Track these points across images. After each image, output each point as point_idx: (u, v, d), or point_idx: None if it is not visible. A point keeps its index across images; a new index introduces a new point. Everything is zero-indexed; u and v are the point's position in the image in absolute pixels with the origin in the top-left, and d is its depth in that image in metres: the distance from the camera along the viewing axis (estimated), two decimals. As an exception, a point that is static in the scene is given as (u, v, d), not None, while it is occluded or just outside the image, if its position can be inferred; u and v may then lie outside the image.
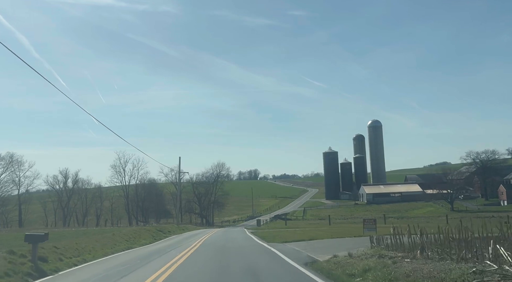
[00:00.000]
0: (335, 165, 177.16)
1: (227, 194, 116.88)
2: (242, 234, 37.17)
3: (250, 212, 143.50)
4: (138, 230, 37.08)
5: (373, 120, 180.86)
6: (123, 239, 28.66)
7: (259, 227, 46.37)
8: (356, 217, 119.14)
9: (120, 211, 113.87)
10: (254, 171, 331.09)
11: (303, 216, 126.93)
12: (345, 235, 29.09)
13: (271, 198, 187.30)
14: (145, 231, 37.81)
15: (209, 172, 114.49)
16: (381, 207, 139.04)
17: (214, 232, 45.53)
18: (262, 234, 34.63)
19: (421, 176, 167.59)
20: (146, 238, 32.50)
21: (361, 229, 34.29)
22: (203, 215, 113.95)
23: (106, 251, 21.65)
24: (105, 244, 23.85)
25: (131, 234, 32.25)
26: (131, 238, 30.84)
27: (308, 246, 21.64)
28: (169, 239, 35.27)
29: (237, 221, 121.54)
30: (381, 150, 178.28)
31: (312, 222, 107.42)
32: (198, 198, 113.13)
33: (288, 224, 75.62)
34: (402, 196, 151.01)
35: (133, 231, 34.95)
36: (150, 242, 30.56)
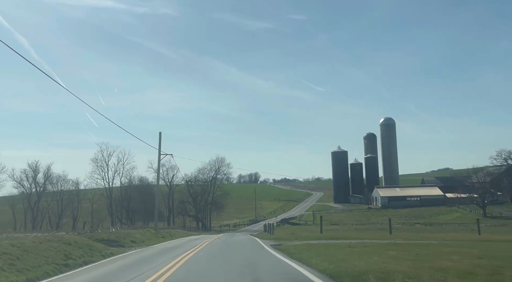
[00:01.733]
0: (344, 165, 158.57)
1: (226, 193, 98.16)
2: (262, 254, 18.35)
3: (252, 215, 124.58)
4: (49, 240, 18.02)
5: (386, 117, 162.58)
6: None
7: (278, 238, 28.24)
8: (375, 223, 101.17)
9: (102, 212, 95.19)
10: (254, 174, 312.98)
11: (313, 220, 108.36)
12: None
13: (274, 201, 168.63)
14: (62, 244, 18.67)
15: (207, 168, 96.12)
16: (399, 212, 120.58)
17: (208, 243, 27.01)
18: (306, 254, 15.73)
19: (439, 178, 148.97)
20: (45, 262, 13.87)
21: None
22: (198, 218, 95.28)
23: None
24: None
25: (16, 252, 13.67)
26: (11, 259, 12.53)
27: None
28: (88, 269, 15.74)
29: (238, 225, 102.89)
30: (394, 150, 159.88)
31: (327, 228, 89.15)
32: (193, 197, 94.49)
33: (318, 229, 57.56)
34: (421, 200, 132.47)
35: (33, 244, 16.05)
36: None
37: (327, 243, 22.14)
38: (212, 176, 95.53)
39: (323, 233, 34.08)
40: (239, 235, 51.64)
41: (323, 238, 25.81)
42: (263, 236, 37.88)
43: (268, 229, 50.61)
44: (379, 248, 18.41)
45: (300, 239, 26.25)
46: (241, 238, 35.89)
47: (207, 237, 42.08)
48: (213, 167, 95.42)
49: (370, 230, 76.60)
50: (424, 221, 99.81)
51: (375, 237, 29.17)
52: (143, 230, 35.75)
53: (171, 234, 41.95)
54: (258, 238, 31.97)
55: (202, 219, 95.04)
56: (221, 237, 41.98)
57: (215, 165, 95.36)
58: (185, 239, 34.73)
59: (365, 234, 44.70)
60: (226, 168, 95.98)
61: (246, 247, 21.82)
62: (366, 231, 72.73)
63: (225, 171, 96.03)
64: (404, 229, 79.11)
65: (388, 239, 26.16)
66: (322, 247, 18.98)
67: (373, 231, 76.08)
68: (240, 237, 37.10)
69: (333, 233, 36.07)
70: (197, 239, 34.34)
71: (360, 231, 73.20)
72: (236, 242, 27.75)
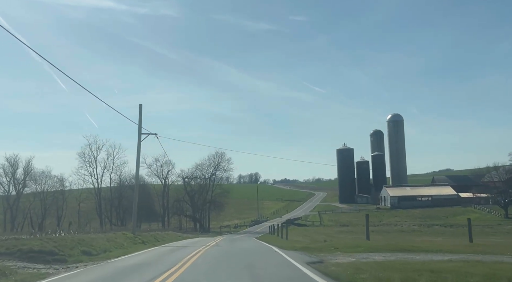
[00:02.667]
0: (350, 164, 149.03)
1: (226, 192, 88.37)
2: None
3: (254, 216, 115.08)
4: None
5: (394, 114, 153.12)
6: None
7: (303, 248, 18.71)
8: (388, 224, 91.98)
9: (90, 211, 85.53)
10: (254, 174, 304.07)
11: (320, 221, 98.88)
12: None
13: (276, 201, 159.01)
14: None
15: (205, 164, 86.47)
16: (411, 213, 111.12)
17: (200, 254, 17.37)
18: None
19: (451, 177, 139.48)
20: None
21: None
22: (196, 218, 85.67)
23: None
24: None
25: None
26: None
27: None
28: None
29: (238, 226, 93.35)
30: (402, 148, 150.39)
31: (338, 229, 79.68)
32: (190, 196, 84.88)
33: (341, 232, 48.57)
34: (432, 199, 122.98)
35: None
36: None
37: (403, 259, 12.65)
38: (211, 172, 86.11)
39: (366, 240, 24.33)
40: (243, 238, 42.17)
41: (381, 249, 16.16)
42: (276, 242, 28.42)
43: (278, 232, 41.10)
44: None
45: (342, 249, 16.68)
46: (248, 244, 26.48)
47: (203, 241, 32.63)
48: (212, 163, 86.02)
49: (390, 232, 67.12)
50: (442, 222, 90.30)
51: (451, 246, 19.58)
52: (117, 234, 26.21)
53: (157, 238, 32.39)
54: (272, 245, 22.56)
55: (199, 219, 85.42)
56: (221, 241, 32.59)
57: (214, 160, 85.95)
58: (172, 246, 25.18)
59: (438, 240, 35.33)
60: (227, 164, 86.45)
61: (265, 265, 12.28)
62: (394, 233, 63.21)
63: (225, 167, 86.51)
64: (428, 231, 69.67)
65: (477, 252, 16.57)
66: (419, 274, 9.53)
67: (395, 233, 66.62)
68: (247, 243, 27.66)
69: (383, 240, 26.46)
70: (189, 246, 24.90)
71: (380, 233, 63.68)
72: (243, 252, 18.23)
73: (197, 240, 36.20)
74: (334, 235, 56.13)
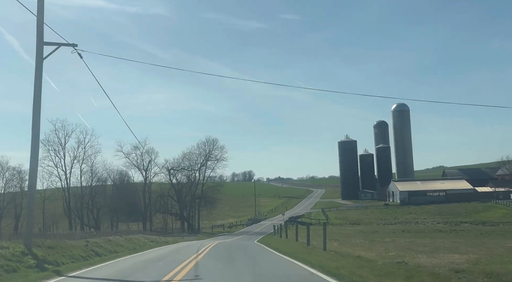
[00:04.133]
0: (353, 157, 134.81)
1: (219, 185, 73.43)
2: None
3: (251, 214, 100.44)
4: None
5: (399, 103, 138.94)
6: None
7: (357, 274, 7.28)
8: (406, 222, 78.06)
9: (58, 210, 70.49)
10: (248, 172, 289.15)
11: (327, 219, 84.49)
12: None
13: (273, 198, 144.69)
14: None
15: (194, 153, 71.79)
16: (425, 209, 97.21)
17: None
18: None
19: (463, 171, 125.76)
20: None
21: None
22: (183, 216, 70.95)
23: None
24: None
25: None
26: None
27: None
28: None
29: (234, 225, 78.83)
30: (409, 140, 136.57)
31: (351, 228, 65.65)
32: (176, 190, 70.24)
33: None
34: (446, 194, 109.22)
35: None
36: None
37: None
38: (201, 163, 71.35)
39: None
40: (244, 245, 27.71)
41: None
42: (306, 254, 14.28)
43: (285, 233, 26.71)
44: None
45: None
46: (265, 265, 12.19)
47: (177, 254, 18.31)
48: (202, 151, 71.30)
49: (424, 232, 52.98)
50: (469, 220, 76.44)
51: None
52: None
53: (96, 250, 17.79)
54: (317, 270, 8.38)
55: (188, 218, 70.63)
56: (209, 252, 18.40)
57: (204, 148, 71.25)
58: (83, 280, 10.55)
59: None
60: (219, 152, 71.62)
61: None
62: (433, 233, 49.05)
63: (218, 156, 71.60)
64: (466, 230, 55.65)
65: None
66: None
67: (432, 233, 52.46)
68: (260, 262, 13.23)
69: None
70: (152, 257, 10.72)
71: (413, 233, 49.52)
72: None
73: (169, 251, 21.74)
74: (354, 236, 42.11)
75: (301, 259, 13.70)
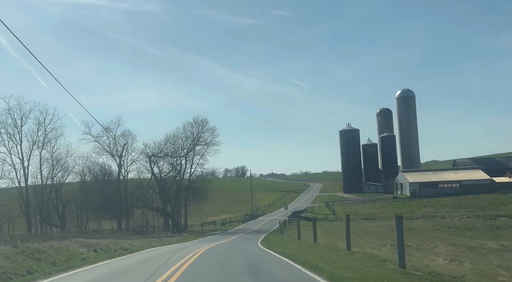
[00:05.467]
0: (355, 147, 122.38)
1: (210, 174, 60.12)
2: None
3: (246, 209, 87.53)
4: None
5: (404, 89, 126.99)
6: None
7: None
8: (428, 216, 65.65)
9: (12, 206, 56.84)
10: (241, 168, 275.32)
11: (335, 214, 71.79)
12: None
13: (269, 192, 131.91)
14: None
15: (180, 136, 58.60)
16: (441, 201, 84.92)
17: None
18: None
19: (476, 160, 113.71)
20: None
21: None
22: (167, 212, 57.77)
23: None
24: None
25: None
26: None
27: None
28: None
29: (228, 222, 65.81)
30: (415, 128, 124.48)
31: (367, 224, 53.28)
32: (158, 181, 57.16)
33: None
34: (461, 186, 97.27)
35: None
36: None
37: None
38: (188, 148, 58.08)
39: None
40: (249, 252, 15.04)
41: None
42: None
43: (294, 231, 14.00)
44: None
45: None
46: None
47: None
48: (189, 134, 58.05)
49: (467, 229, 40.50)
50: (505, 213, 64.11)
51: None
52: None
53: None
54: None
55: (172, 214, 57.42)
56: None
57: (192, 130, 57.99)
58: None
59: None
60: (210, 135, 58.29)
61: None
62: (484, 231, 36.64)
63: (208, 139, 58.26)
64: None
65: None
66: None
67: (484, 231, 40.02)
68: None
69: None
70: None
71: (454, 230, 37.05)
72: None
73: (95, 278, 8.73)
74: (385, 235, 29.53)
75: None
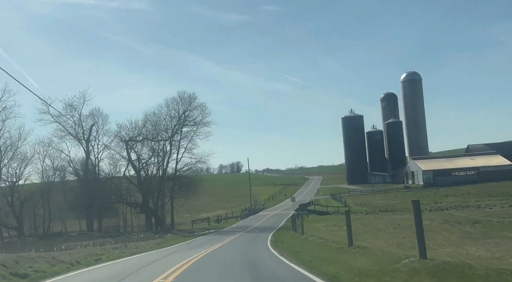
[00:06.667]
0: (359, 135, 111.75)
1: (200, 161, 48.39)
2: None
3: (243, 203, 76.14)
4: None
5: (409, 72, 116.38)
6: None
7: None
8: (463, 206, 54.94)
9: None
10: (236, 164, 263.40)
11: (348, 207, 60.75)
12: None
13: (268, 186, 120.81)
14: None
15: (162, 115, 47.15)
16: (461, 190, 74.32)
17: None
18: None
19: (491, 146, 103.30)
20: None
21: None
22: (149, 208, 46.39)
23: None
24: None
25: None
26: None
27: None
28: None
29: (225, 218, 54.52)
30: (422, 113, 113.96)
31: (390, 217, 42.55)
32: (137, 170, 45.77)
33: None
34: (479, 173, 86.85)
35: None
36: None
37: None
38: (173, 129, 46.59)
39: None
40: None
41: None
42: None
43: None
44: None
45: None
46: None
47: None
48: (174, 113, 46.60)
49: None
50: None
51: None
52: None
53: None
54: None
55: (155, 210, 46.01)
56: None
57: (177, 108, 46.55)
58: None
59: None
60: (199, 113, 46.76)
61: None
62: None
63: (197, 118, 46.74)
64: None
65: None
66: None
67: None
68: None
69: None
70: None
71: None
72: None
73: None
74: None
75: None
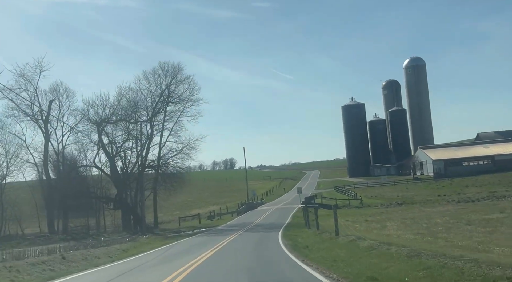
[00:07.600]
0: (361, 124, 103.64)
1: (189, 146, 39.40)
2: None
3: (239, 198, 67.21)
4: None
5: (413, 57, 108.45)
6: None
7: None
8: (494, 197, 46.65)
9: None
10: (230, 160, 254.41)
11: (360, 199, 52.52)
12: None
13: (264, 180, 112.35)
14: None
15: (142, 89, 38.22)
16: (478, 181, 66.53)
17: None
18: None
19: (503, 133, 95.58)
20: None
21: None
22: (127, 204, 37.73)
23: None
24: None
25: None
26: None
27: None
28: None
29: (218, 214, 46.00)
30: (426, 101, 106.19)
31: (416, 211, 34.48)
32: (110, 158, 37.11)
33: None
34: (495, 162, 79.17)
35: None
36: None
37: None
38: (154, 108, 37.76)
39: None
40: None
41: None
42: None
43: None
44: None
45: None
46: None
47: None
48: (155, 87, 37.65)
49: None
50: None
51: None
52: None
53: None
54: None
55: (134, 207, 37.27)
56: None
57: (159, 81, 37.66)
58: None
59: None
60: (186, 89, 37.69)
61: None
62: None
63: (183, 95, 37.52)
64: None
65: None
66: None
67: None
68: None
69: None
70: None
71: None
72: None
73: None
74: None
75: None
